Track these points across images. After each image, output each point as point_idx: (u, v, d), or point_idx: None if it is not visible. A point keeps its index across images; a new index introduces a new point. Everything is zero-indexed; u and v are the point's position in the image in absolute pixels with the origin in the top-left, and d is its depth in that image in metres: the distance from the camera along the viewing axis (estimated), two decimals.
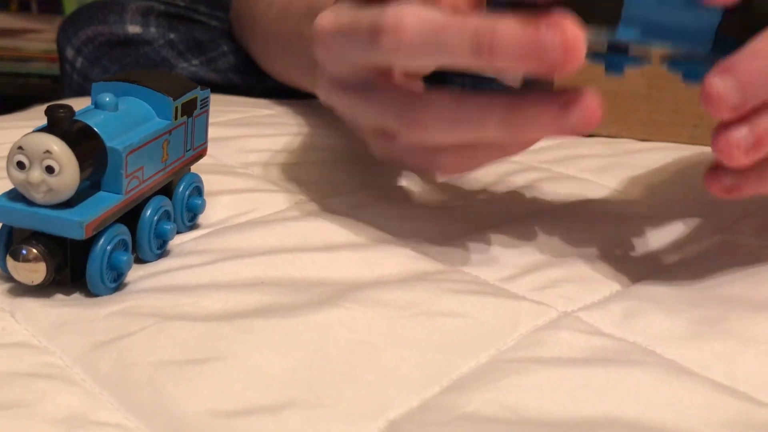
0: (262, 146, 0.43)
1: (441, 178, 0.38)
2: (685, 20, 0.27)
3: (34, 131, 0.26)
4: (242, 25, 0.64)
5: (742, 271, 0.32)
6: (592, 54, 0.29)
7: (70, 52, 0.66)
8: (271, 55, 0.59)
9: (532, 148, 0.50)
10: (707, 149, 0.52)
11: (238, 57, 0.67)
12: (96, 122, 0.27)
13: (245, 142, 0.43)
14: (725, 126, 0.26)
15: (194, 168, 0.34)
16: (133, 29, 0.66)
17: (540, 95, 0.27)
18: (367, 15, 0.28)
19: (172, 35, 0.67)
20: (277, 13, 0.55)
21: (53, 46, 0.71)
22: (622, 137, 0.54)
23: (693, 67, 0.28)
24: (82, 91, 0.66)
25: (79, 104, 0.29)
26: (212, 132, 0.36)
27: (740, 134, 0.26)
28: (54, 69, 1.17)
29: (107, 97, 0.28)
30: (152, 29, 0.67)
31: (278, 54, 0.58)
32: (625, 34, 0.27)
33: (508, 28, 0.25)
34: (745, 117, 0.26)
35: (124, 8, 0.67)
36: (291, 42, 0.53)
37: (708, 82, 0.26)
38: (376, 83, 0.30)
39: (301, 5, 0.51)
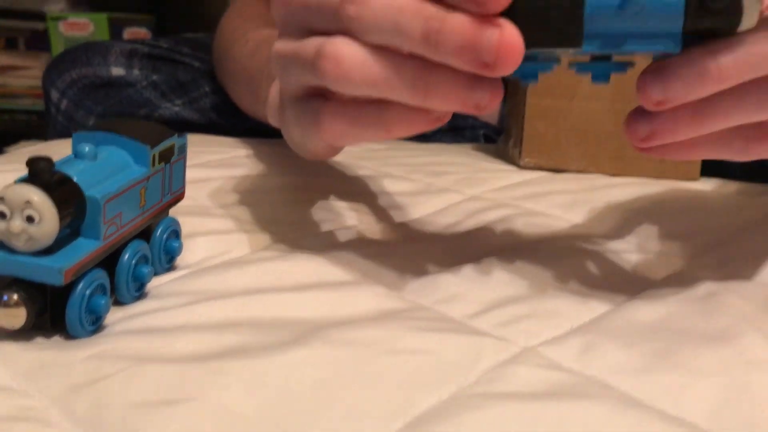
0: (240, 187, 0.45)
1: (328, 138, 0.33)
2: (649, 27, 0.28)
3: (15, 182, 0.27)
4: (221, 65, 0.66)
5: (697, 304, 0.33)
6: (578, 65, 0.30)
7: (54, 94, 0.68)
8: (242, 92, 0.60)
9: (503, 184, 0.52)
10: (673, 184, 0.54)
11: (220, 97, 0.69)
12: (75, 172, 0.29)
13: (223, 183, 0.45)
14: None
15: (173, 210, 0.35)
16: (117, 71, 0.68)
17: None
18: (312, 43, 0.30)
19: (155, 77, 0.68)
20: (248, 52, 0.57)
21: (39, 83, 0.72)
22: (591, 172, 0.56)
23: (601, 68, 0.30)
24: (66, 132, 0.67)
25: (62, 146, 0.31)
26: (191, 173, 0.38)
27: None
28: (40, 105, 1.19)
29: (86, 147, 0.30)
30: (135, 71, 0.68)
31: (245, 90, 0.60)
32: (588, 48, 0.28)
33: (456, 19, 0.26)
34: None
35: (109, 51, 0.69)
36: (254, 78, 0.55)
37: (640, 78, 0.28)
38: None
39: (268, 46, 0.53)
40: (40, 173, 0.27)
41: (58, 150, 0.40)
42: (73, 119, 0.67)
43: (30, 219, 0.27)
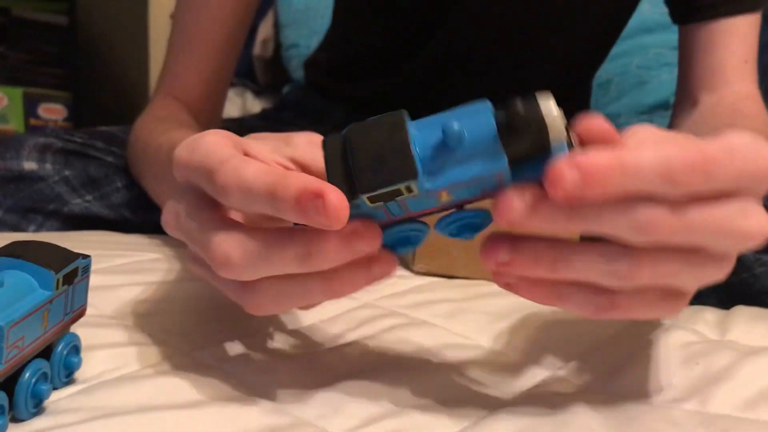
0: (141, 295, 0.47)
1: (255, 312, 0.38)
2: (478, 156, 0.30)
3: None
4: (136, 165, 0.68)
5: (549, 419, 0.37)
6: (439, 223, 0.33)
7: None
8: (157, 192, 0.63)
9: (396, 290, 0.56)
10: None
11: (132, 192, 0.71)
12: None
13: (126, 292, 0.47)
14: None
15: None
16: (29, 166, 0.69)
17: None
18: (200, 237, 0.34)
19: (67, 172, 0.70)
20: (162, 156, 0.59)
21: None
22: (477, 278, 0.61)
23: (465, 217, 0.33)
24: None
25: None
26: (95, 280, 0.40)
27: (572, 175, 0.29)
28: None
29: None
30: (48, 165, 0.70)
31: (160, 190, 0.63)
32: (428, 182, 0.31)
33: (292, 189, 0.31)
34: None
35: (22, 145, 0.70)
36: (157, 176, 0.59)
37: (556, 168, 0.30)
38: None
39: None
40: None
41: None
42: None
43: None
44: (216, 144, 0.34)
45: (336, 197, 0.30)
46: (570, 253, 0.32)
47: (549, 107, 0.30)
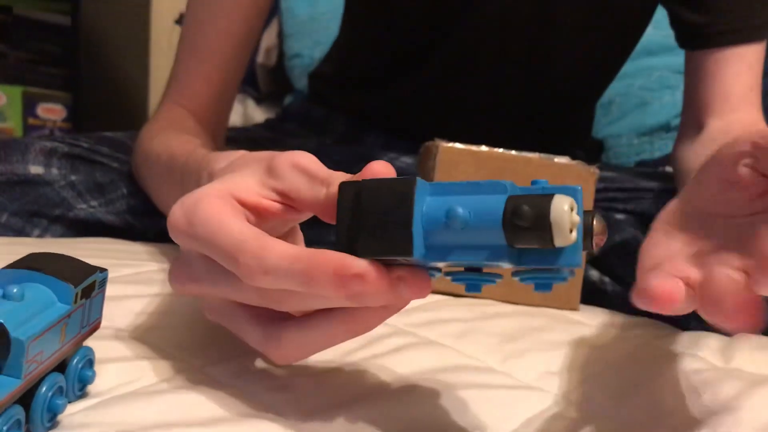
0: (153, 308, 0.47)
1: (280, 363, 0.38)
2: (478, 241, 0.31)
3: None
4: (141, 171, 0.68)
5: None
6: (453, 275, 0.34)
7: None
8: (163, 198, 0.63)
9: (405, 308, 0.56)
10: (556, 314, 0.59)
11: (137, 199, 0.71)
12: (2, 313, 0.31)
13: (136, 303, 0.47)
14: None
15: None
16: (35, 170, 0.69)
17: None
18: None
19: (73, 177, 0.70)
20: (169, 163, 0.59)
21: None
22: (485, 298, 0.61)
23: (472, 278, 0.33)
24: None
25: None
26: (107, 289, 0.39)
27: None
28: None
29: (14, 289, 0.32)
30: (54, 170, 0.70)
31: (166, 197, 0.62)
32: (421, 257, 0.31)
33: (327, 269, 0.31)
34: None
35: (28, 148, 0.70)
36: (175, 186, 0.58)
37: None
38: None
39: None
40: None
41: None
42: None
43: None
44: (214, 216, 0.34)
45: (373, 272, 0.30)
46: None
47: (560, 206, 0.30)
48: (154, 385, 0.38)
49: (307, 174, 0.35)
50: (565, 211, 0.29)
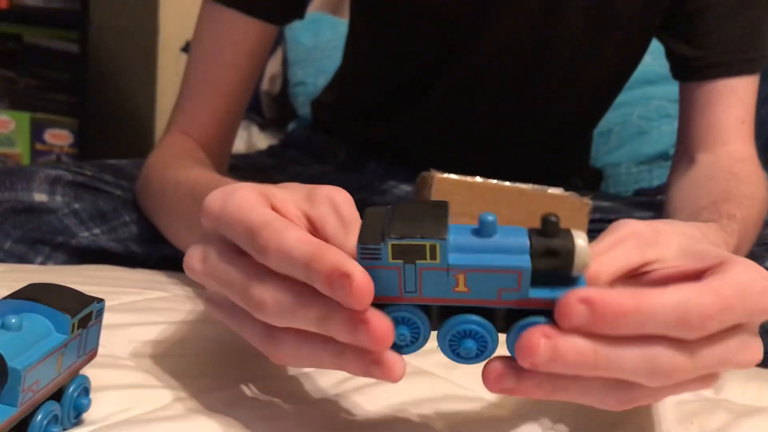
0: (151, 336, 0.48)
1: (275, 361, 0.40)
2: (499, 259, 0.33)
3: None
4: (147, 199, 0.69)
5: None
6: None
7: None
8: (178, 231, 0.64)
9: None
10: None
11: (139, 227, 0.72)
12: (0, 343, 0.32)
13: (135, 332, 0.48)
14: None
15: None
16: (40, 197, 0.70)
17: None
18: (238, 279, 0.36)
19: (76, 205, 0.71)
20: (178, 193, 0.60)
21: None
22: None
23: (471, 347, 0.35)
24: None
25: None
26: (105, 318, 0.40)
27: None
28: None
29: (13, 319, 0.33)
30: (58, 198, 0.71)
31: (173, 226, 0.63)
32: (452, 258, 0.33)
33: (331, 257, 0.32)
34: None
35: (33, 176, 0.71)
36: (182, 218, 0.59)
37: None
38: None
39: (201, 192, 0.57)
40: None
41: None
42: None
43: None
44: (248, 200, 0.36)
45: (362, 280, 0.32)
46: (570, 381, 0.33)
47: (580, 239, 0.33)
48: (148, 413, 0.39)
49: (336, 211, 0.37)
50: (584, 240, 0.33)
